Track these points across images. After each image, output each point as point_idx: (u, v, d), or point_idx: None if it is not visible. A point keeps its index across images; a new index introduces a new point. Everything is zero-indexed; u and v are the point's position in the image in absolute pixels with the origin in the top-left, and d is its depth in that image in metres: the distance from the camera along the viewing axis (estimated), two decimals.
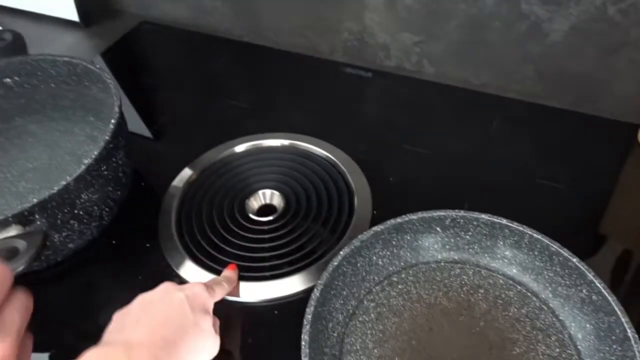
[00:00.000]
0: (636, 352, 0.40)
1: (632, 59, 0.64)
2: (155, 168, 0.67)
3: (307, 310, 0.45)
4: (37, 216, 0.46)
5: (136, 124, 0.72)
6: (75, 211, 0.50)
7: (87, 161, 0.49)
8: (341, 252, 0.48)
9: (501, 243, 0.51)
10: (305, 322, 0.44)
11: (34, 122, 0.65)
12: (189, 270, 0.54)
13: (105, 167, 0.52)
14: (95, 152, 0.49)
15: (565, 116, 0.70)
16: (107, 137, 0.51)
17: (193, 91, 0.79)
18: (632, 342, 0.41)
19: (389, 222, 0.51)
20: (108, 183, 0.54)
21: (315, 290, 0.46)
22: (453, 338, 0.47)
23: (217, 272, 0.52)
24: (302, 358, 0.42)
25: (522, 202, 0.59)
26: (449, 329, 0.48)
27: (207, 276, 0.53)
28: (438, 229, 0.52)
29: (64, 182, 0.47)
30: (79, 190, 0.50)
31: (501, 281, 0.51)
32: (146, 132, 0.72)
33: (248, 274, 0.53)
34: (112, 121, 0.52)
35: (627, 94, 0.68)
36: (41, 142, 0.64)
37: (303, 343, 0.42)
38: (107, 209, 0.55)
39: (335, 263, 0.48)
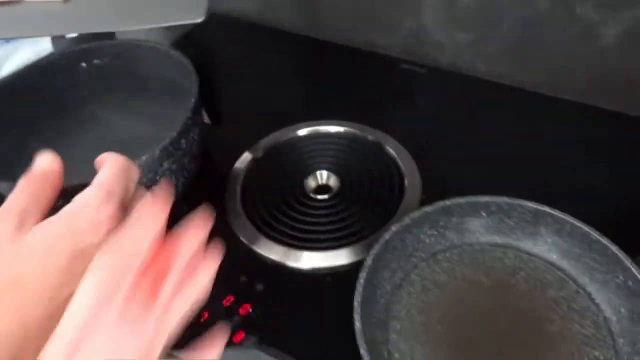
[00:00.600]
0: None
1: None
2: (220, 150, 0.73)
3: (360, 275, 0.49)
4: None
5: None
6: (157, 177, 0.57)
7: (171, 134, 0.55)
8: (392, 228, 0.53)
9: (543, 230, 0.54)
10: (358, 286, 0.49)
11: (119, 101, 0.73)
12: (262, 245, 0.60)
13: (184, 141, 0.58)
14: (178, 127, 0.56)
15: (613, 118, 0.72)
16: (188, 114, 0.57)
17: (255, 81, 0.85)
18: None
19: (438, 203, 0.55)
20: (185, 155, 0.60)
21: (367, 259, 0.51)
22: (491, 312, 0.51)
23: (277, 242, 0.58)
24: (355, 316, 0.46)
25: (567, 199, 0.61)
26: (488, 304, 0.52)
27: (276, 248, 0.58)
28: (483, 213, 0.56)
29: (152, 151, 0.54)
30: (161, 159, 0.56)
31: (541, 265, 0.54)
32: (212, 117, 0.78)
33: (306, 244, 0.58)
34: (192, 99, 0.59)
35: None
36: (125, 119, 0.71)
37: (355, 303, 0.47)
38: (182, 179, 0.61)
39: (387, 237, 0.52)
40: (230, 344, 0.52)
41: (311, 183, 0.66)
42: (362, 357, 0.44)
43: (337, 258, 0.57)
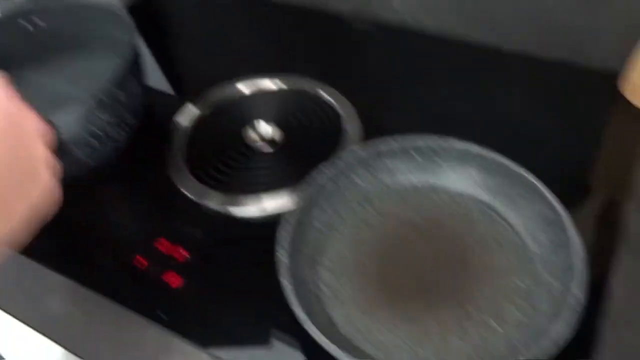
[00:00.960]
0: (576, 253, 0.45)
1: (617, 9, 0.67)
2: (163, 105, 0.74)
3: (288, 214, 0.51)
4: None
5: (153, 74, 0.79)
6: (97, 131, 0.58)
7: (104, 84, 0.56)
8: (324, 169, 0.54)
9: (473, 169, 0.56)
10: (286, 224, 0.50)
11: (60, 59, 0.73)
12: (200, 193, 0.61)
13: (122, 94, 0.59)
14: (110, 75, 0.56)
15: (553, 68, 0.73)
16: (122, 64, 0.58)
17: (204, 41, 0.86)
18: (576, 246, 0.46)
19: (369, 145, 0.56)
20: (125, 109, 0.61)
21: (297, 198, 0.52)
22: (420, 249, 0.53)
23: (224, 191, 0.59)
24: (279, 252, 0.48)
25: (508, 150, 0.62)
26: (418, 242, 0.53)
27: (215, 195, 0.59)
28: (415, 154, 0.57)
29: (86, 102, 0.54)
30: (98, 111, 0.57)
31: (471, 204, 0.56)
32: (158, 74, 0.79)
33: (246, 192, 0.59)
34: (129, 51, 0.59)
35: (612, 44, 0.70)
36: (66, 76, 0.72)
37: (280, 239, 0.49)
38: (123, 133, 0.62)
39: (318, 178, 0.54)
40: (168, 289, 0.53)
41: (253, 135, 0.67)
42: (284, 288, 0.45)
43: (276, 204, 0.58)
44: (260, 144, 0.65)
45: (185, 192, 0.61)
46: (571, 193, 0.57)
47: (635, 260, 0.51)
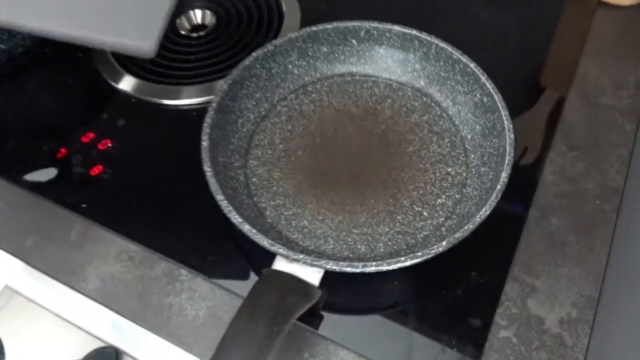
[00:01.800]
0: (507, 138, 0.44)
1: None
2: None
3: (214, 99, 0.47)
4: None
5: None
6: None
7: None
8: (253, 54, 0.51)
9: (412, 56, 0.53)
10: (210, 109, 0.47)
11: None
12: (126, 82, 0.56)
13: None
14: None
15: None
16: None
17: None
18: (506, 130, 0.44)
19: (303, 29, 0.52)
20: None
21: (223, 82, 0.48)
22: (354, 137, 0.51)
23: (153, 82, 0.55)
24: (202, 137, 0.45)
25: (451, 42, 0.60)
26: (352, 130, 0.51)
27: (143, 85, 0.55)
28: (353, 41, 0.54)
29: None
30: None
31: (409, 93, 0.53)
32: None
33: (174, 80, 0.56)
34: None
35: None
36: None
37: (205, 124, 0.46)
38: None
39: (247, 62, 0.50)
40: (88, 177, 0.50)
41: (185, 23, 0.62)
42: (205, 174, 0.43)
43: (203, 93, 0.55)
44: (194, 34, 0.61)
45: (114, 84, 0.56)
46: (513, 86, 0.56)
47: (568, 150, 0.51)
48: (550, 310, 0.42)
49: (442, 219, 0.45)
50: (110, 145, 0.52)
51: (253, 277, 0.45)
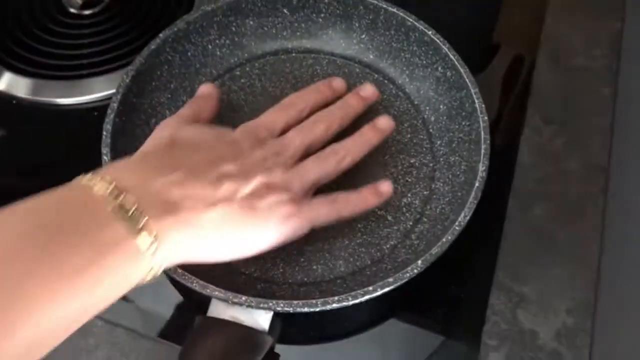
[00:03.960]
0: (480, 122, 0.36)
1: None
2: None
3: (113, 98, 0.37)
4: None
5: None
6: None
7: None
8: (161, 35, 0.40)
9: (357, 25, 0.44)
10: (109, 111, 0.37)
11: None
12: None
13: None
14: None
15: None
16: None
17: None
18: (478, 112, 0.37)
19: (225, 2, 0.42)
20: None
21: (124, 76, 0.38)
22: None
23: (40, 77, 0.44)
24: (102, 149, 0.35)
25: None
26: None
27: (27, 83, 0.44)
28: (285, 11, 0.44)
29: None
30: None
31: (357, 69, 0.45)
32: None
33: (65, 73, 0.44)
34: None
35: None
36: None
37: (104, 133, 0.36)
38: None
39: (153, 46, 0.40)
40: None
41: None
42: None
43: (106, 86, 0.44)
44: (86, 11, 0.49)
45: None
46: (474, 52, 0.48)
47: (544, 124, 0.44)
48: (544, 322, 0.36)
49: (411, 223, 0.38)
50: None
51: (190, 320, 0.36)
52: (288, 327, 0.36)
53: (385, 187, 0.36)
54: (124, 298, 0.36)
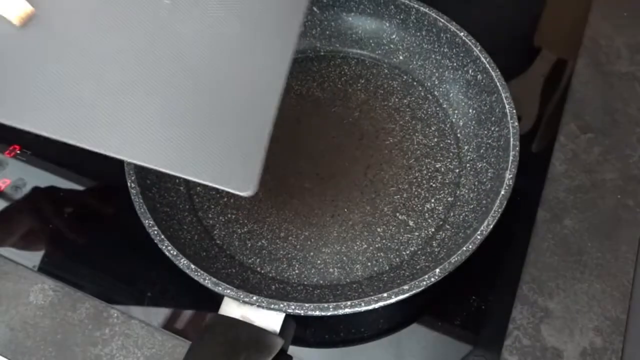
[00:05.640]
0: (510, 127, 0.35)
1: None
2: None
3: None
4: None
5: None
6: None
7: None
8: None
9: (387, 24, 0.43)
10: None
11: None
12: None
13: None
14: None
15: None
16: None
17: None
18: (509, 117, 0.35)
19: None
20: None
21: None
22: (321, 128, 0.42)
23: None
24: None
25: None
26: (318, 120, 0.42)
27: None
28: (315, 9, 0.44)
29: None
30: None
31: (385, 70, 0.44)
32: None
33: None
34: None
35: None
36: None
37: None
38: None
39: None
40: None
41: None
42: (130, 191, 0.34)
43: None
44: None
45: None
46: (513, 56, 0.47)
47: (580, 132, 0.42)
48: (569, 340, 0.34)
49: (433, 230, 0.37)
50: (18, 151, 0.42)
51: (202, 316, 0.36)
52: (303, 329, 0.36)
53: None
54: (140, 292, 0.37)
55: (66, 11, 0.28)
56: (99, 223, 0.40)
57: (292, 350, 0.34)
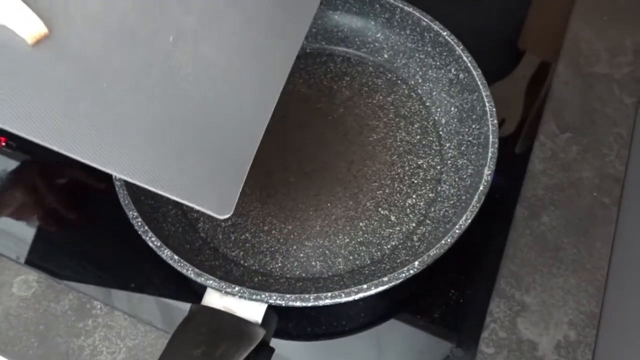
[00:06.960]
0: (490, 125, 0.36)
1: None
2: None
3: None
4: None
5: None
6: None
7: None
8: None
9: (372, 23, 0.44)
10: None
11: None
12: None
13: None
14: None
15: None
16: None
17: None
18: (488, 115, 0.36)
19: None
20: None
21: None
22: (305, 124, 0.42)
23: None
24: None
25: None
26: (303, 116, 0.43)
27: None
28: None
29: None
30: None
31: (370, 68, 0.45)
32: None
33: None
34: None
35: None
36: None
37: None
38: None
39: None
40: None
41: None
42: (114, 181, 0.34)
43: None
44: None
45: None
46: (494, 58, 0.48)
47: (559, 131, 0.43)
48: (544, 332, 0.35)
49: (414, 225, 0.37)
50: (4, 143, 0.42)
51: (185, 308, 0.36)
52: (286, 322, 0.36)
53: None
54: (123, 284, 0.37)
55: (76, 36, 0.29)
56: (87, 213, 0.40)
57: (275, 343, 0.35)
